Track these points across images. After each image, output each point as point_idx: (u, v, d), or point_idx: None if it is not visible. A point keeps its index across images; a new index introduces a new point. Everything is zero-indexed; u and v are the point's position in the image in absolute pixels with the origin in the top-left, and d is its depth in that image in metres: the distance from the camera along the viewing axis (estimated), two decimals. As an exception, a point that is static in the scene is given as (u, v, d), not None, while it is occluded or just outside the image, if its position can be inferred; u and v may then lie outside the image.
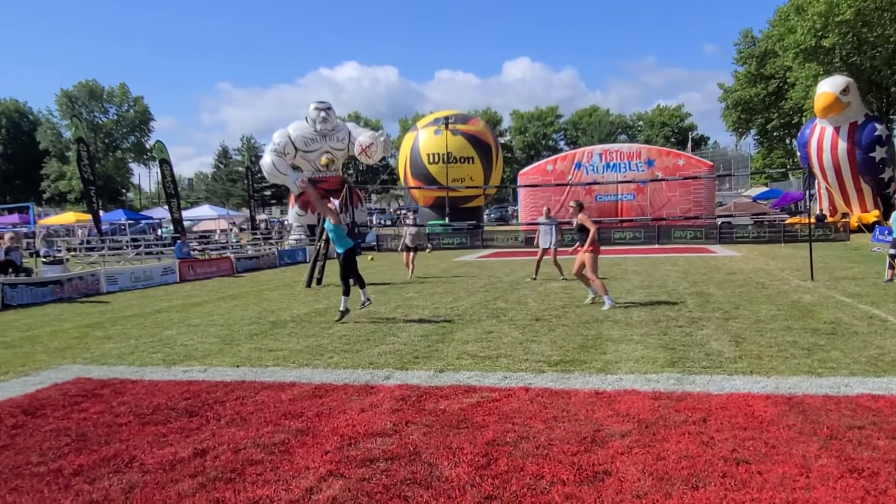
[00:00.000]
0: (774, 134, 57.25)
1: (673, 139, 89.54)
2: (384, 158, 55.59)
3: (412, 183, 45.56)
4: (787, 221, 32.70)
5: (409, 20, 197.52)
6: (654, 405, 5.45)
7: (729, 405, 5.39)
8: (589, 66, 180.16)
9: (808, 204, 20.45)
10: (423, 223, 19.89)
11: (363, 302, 11.08)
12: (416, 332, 9.31)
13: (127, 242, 32.93)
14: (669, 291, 12.89)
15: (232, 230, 41.35)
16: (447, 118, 43.27)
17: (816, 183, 33.52)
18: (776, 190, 50.68)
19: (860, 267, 16.87)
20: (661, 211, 33.24)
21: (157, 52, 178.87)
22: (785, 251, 23.74)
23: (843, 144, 30.74)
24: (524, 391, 6.02)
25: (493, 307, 11.54)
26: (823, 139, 31.45)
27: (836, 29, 31.23)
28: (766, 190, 52.62)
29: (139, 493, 4.03)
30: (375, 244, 33.48)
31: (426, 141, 44.80)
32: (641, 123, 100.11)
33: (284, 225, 45.90)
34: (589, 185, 33.55)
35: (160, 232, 44.38)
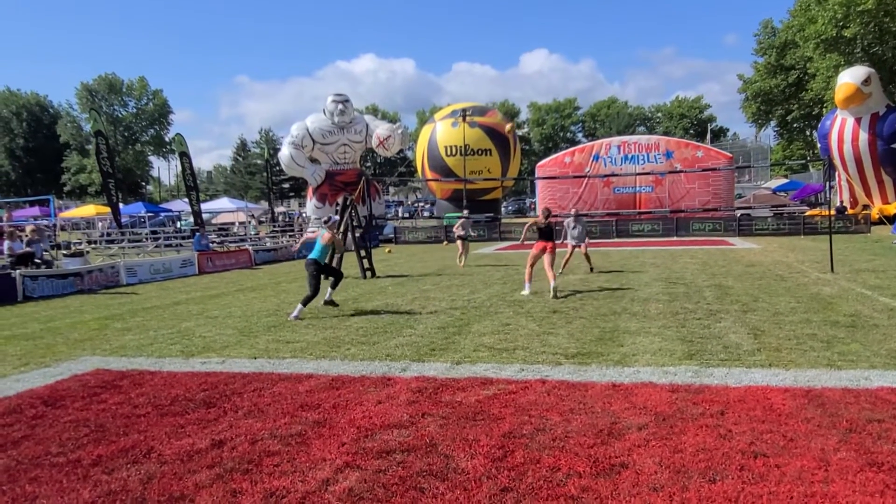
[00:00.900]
0: (794, 125, 56.54)
1: (692, 131, 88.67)
2: (402, 151, 55.74)
3: (430, 175, 45.52)
4: (806, 213, 32.29)
5: (425, 12, 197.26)
6: (671, 398, 5.43)
7: (747, 398, 5.35)
8: (607, 56, 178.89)
9: (828, 196, 20.17)
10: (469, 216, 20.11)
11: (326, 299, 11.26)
12: (432, 324, 9.33)
13: (146, 235, 33.24)
14: (688, 284, 12.80)
15: (250, 223, 41.59)
16: (465, 110, 43.12)
17: (837, 174, 33.05)
18: (796, 182, 50.12)
19: (881, 259, 16.64)
20: (679, 203, 32.98)
21: (176, 45, 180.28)
22: (805, 243, 23.47)
23: (864, 135, 30.28)
24: (541, 383, 6.01)
25: (510, 299, 11.52)
26: (844, 130, 30.99)
27: (857, 19, 30.76)
28: (785, 182, 52.05)
29: (157, 483, 4.07)
30: (393, 237, 33.52)
31: (444, 133, 44.73)
32: (660, 115, 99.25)
33: (293, 218, 46.07)
34: (607, 177, 33.34)
35: (179, 224, 44.72)
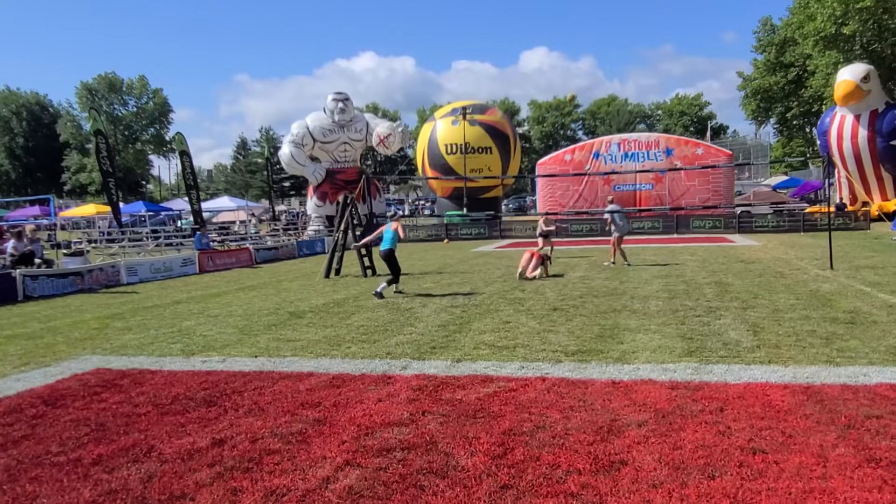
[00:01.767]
0: (794, 122, 56.54)
1: (692, 128, 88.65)
2: (402, 149, 55.72)
3: (430, 173, 45.53)
4: (806, 210, 32.31)
5: (425, 9, 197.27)
6: (671, 395, 5.44)
7: (746, 395, 5.36)
8: (607, 54, 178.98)
9: (827, 193, 20.19)
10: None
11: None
12: (433, 322, 9.34)
13: (147, 234, 33.26)
14: (688, 281, 12.80)
15: (251, 221, 41.60)
16: (465, 108, 43.14)
17: (836, 171, 33.06)
18: (796, 179, 50.05)
19: (880, 256, 16.65)
20: (679, 200, 32.98)
21: (176, 44, 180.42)
22: (804, 240, 23.47)
23: (863, 132, 30.28)
24: (541, 381, 6.02)
25: (510, 297, 11.53)
26: (844, 127, 31.00)
27: (856, 16, 30.72)
28: (785, 179, 51.99)
29: (157, 482, 4.09)
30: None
31: (444, 131, 44.73)
32: (660, 113, 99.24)
33: (298, 216, 46.07)
34: (607, 174, 33.33)
35: (180, 223, 44.73)
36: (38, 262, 16.10)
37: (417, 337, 8.31)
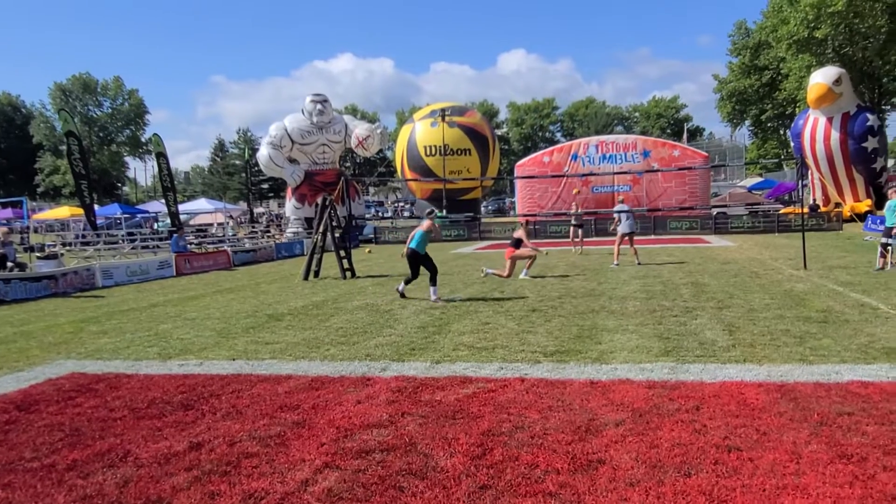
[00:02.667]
0: (768, 124, 57.32)
1: (668, 130, 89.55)
2: (381, 151, 55.62)
3: (409, 175, 45.50)
4: (781, 211, 32.73)
5: (403, 11, 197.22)
6: (648, 394, 5.49)
7: (722, 393, 5.43)
8: (584, 56, 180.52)
9: (801, 194, 20.48)
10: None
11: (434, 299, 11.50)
12: (412, 323, 9.34)
13: (122, 236, 32.87)
14: (664, 282, 12.93)
15: (229, 223, 41.28)
16: (444, 110, 43.17)
17: (810, 173, 33.55)
18: (771, 180, 50.73)
19: (852, 256, 16.93)
20: (656, 202, 33.27)
21: (151, 45, 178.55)
22: (779, 241, 23.79)
23: (835, 135, 30.77)
24: (520, 381, 6.05)
25: (489, 298, 11.56)
26: (817, 129, 31.48)
27: (828, 20, 31.25)
28: (760, 180, 52.64)
29: (133, 487, 4.05)
30: (373, 237, 33.46)
31: (423, 133, 44.72)
32: (637, 115, 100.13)
33: (281, 218, 45.80)
34: (585, 176, 33.52)
35: (156, 226, 44.26)
36: (10, 265, 15.84)
37: (397, 339, 8.31)
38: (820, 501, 3.52)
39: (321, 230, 16.87)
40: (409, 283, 12.05)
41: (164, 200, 32.53)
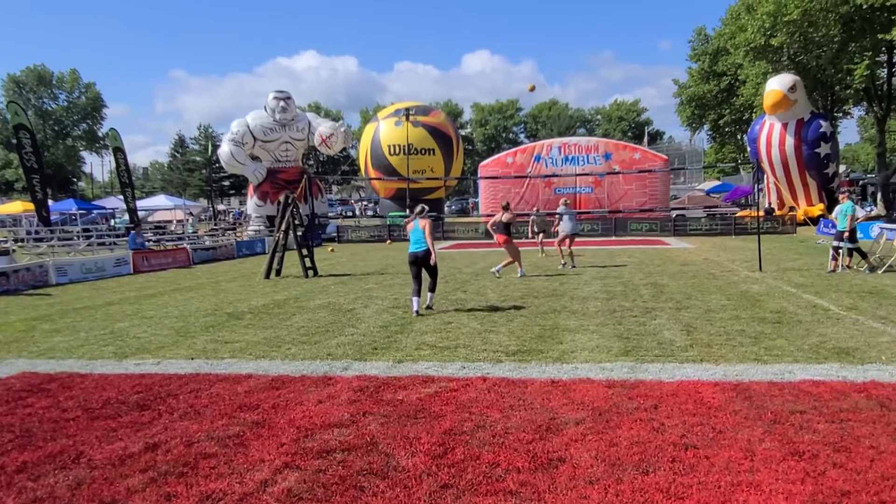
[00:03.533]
0: (726, 129, 58.38)
1: (630, 133, 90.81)
2: (345, 149, 55.29)
3: (373, 174, 45.31)
4: (737, 214, 33.45)
5: (367, 9, 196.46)
6: (607, 393, 5.56)
7: (679, 392, 5.53)
8: (548, 58, 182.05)
9: (757, 198, 20.98)
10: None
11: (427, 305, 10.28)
12: (375, 322, 9.31)
13: (78, 233, 32.09)
14: (625, 282, 13.11)
15: (189, 220, 40.61)
16: (408, 109, 43.08)
17: (765, 177, 34.35)
18: (728, 184, 51.83)
19: (805, 258, 17.39)
20: (617, 203, 33.72)
21: (109, 37, 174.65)
22: (735, 243, 24.31)
23: (790, 140, 31.57)
24: (482, 381, 6.07)
25: (452, 298, 11.58)
26: (772, 135, 32.26)
27: (784, 28, 31.98)
28: (718, 184, 53.78)
29: (86, 489, 3.96)
30: (336, 235, 33.23)
31: (387, 132, 44.58)
32: (599, 117, 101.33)
33: (243, 216, 45.23)
34: (548, 177, 33.83)
35: (113, 222, 43.32)
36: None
37: (359, 338, 8.27)
38: (772, 498, 3.60)
39: (283, 228, 16.70)
40: (419, 293, 9.95)
41: (121, 196, 31.84)
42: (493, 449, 4.39)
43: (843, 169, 46.98)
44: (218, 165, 43.90)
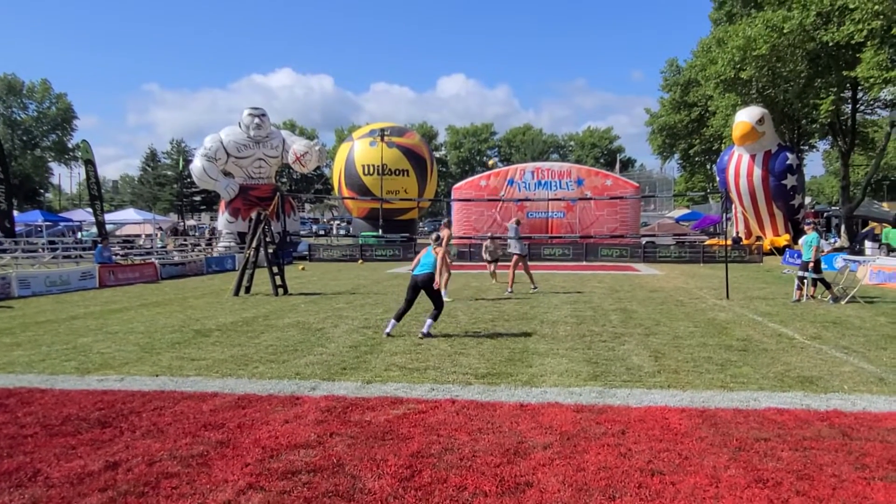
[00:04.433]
0: (696, 159, 59.39)
1: (602, 160, 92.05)
2: (318, 168, 55.13)
3: (346, 193, 45.25)
4: (706, 243, 33.98)
5: (344, 28, 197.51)
6: (576, 417, 5.58)
7: (647, 418, 5.56)
8: (522, 84, 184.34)
9: (725, 226, 21.36)
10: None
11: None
12: (344, 342, 9.24)
13: (43, 245, 31.45)
14: (595, 307, 13.20)
15: (158, 235, 40.04)
16: (383, 130, 43.21)
17: (733, 207, 35.00)
18: (697, 212, 52.70)
19: (771, 287, 17.70)
20: (589, 229, 34.04)
21: (81, 48, 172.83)
22: (703, 271, 24.66)
23: (758, 171, 32.28)
24: (450, 403, 6.05)
25: (422, 320, 11.52)
26: (740, 166, 32.96)
27: (753, 62, 32.78)
28: (687, 212, 54.65)
29: (45, 506, 3.85)
30: (307, 254, 33.03)
31: (361, 152, 44.62)
32: (573, 144, 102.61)
33: (214, 232, 44.73)
34: (521, 201, 34.08)
35: (80, 235, 42.55)
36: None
37: (328, 357, 8.20)
38: (736, 524, 3.63)
39: (254, 245, 16.56)
40: (401, 317, 9.94)
41: (90, 209, 31.32)
42: (460, 472, 4.37)
43: (808, 201, 48.05)
44: (189, 180, 43.52)
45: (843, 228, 38.18)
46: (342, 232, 59.90)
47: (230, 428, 5.34)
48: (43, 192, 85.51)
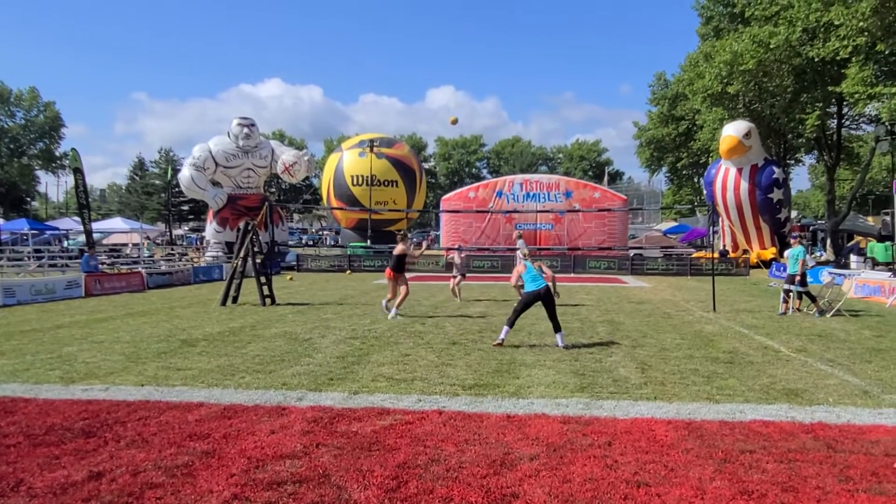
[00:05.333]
0: (684, 172, 59.90)
1: (590, 172, 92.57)
2: (307, 178, 55.05)
3: (335, 204, 45.24)
4: (693, 255, 34.17)
5: (333, 39, 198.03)
6: (562, 429, 5.58)
7: (633, 429, 5.58)
8: (511, 96, 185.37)
9: (712, 239, 21.51)
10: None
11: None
12: (332, 353, 9.21)
13: (29, 253, 31.21)
14: (582, 319, 13.24)
15: (145, 244, 39.81)
16: (372, 141, 43.29)
17: (720, 220, 35.26)
18: (684, 225, 52.96)
19: (758, 300, 17.81)
20: (577, 241, 34.18)
21: (69, 56, 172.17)
22: (690, 283, 24.79)
23: (744, 185, 32.56)
24: (437, 414, 6.04)
25: (410, 330, 11.54)
26: (727, 179, 33.23)
27: (739, 77, 33.18)
28: (675, 225, 54.90)
29: (27, 517, 3.81)
30: (295, 264, 32.93)
31: (350, 162, 44.66)
32: (561, 156, 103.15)
33: (202, 243, 44.54)
34: (509, 213, 34.19)
35: (66, 243, 42.26)
36: None
37: (315, 368, 8.17)
38: (721, 535, 3.64)
39: (242, 255, 16.50)
40: (514, 323, 10.08)
41: (79, 218, 31.13)
42: (446, 483, 4.36)
43: (794, 214, 48.54)
44: (177, 190, 43.32)
45: (828, 242, 38.56)
46: (330, 242, 59.83)
47: (216, 438, 5.31)
48: (29, 200, 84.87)
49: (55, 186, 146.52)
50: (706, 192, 36.46)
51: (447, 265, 16.91)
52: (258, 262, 16.69)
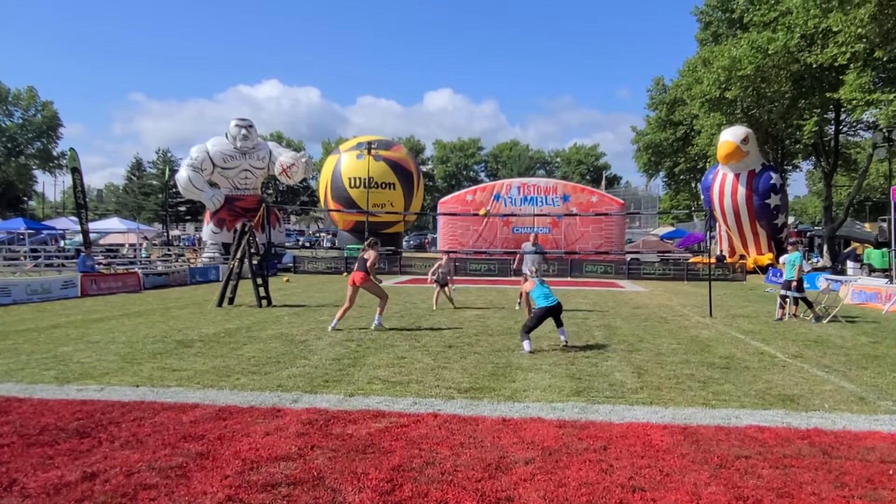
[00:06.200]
0: (681, 177, 59.95)
1: (588, 176, 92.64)
2: (305, 180, 55.08)
3: (332, 206, 45.18)
4: (689, 260, 34.20)
5: (331, 41, 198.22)
6: (558, 433, 5.57)
7: (629, 434, 5.57)
8: (509, 99, 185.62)
9: (709, 245, 21.52)
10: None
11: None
12: (327, 355, 9.20)
13: (25, 253, 31.14)
14: (578, 323, 13.23)
15: (142, 245, 39.74)
16: (370, 143, 43.26)
17: (717, 225, 35.29)
18: (681, 230, 53.05)
19: (754, 306, 17.83)
20: (574, 245, 34.19)
21: (68, 56, 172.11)
22: (687, 288, 24.80)
23: (742, 190, 32.61)
24: (433, 417, 6.03)
25: (406, 333, 11.53)
26: (725, 184, 33.27)
27: (738, 82, 33.25)
28: (672, 230, 55.00)
29: (19, 517, 3.79)
30: (292, 266, 32.89)
31: (348, 165, 44.63)
32: (559, 160, 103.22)
33: (200, 243, 44.48)
34: (506, 216, 34.20)
35: (63, 243, 42.17)
36: None
37: (310, 370, 8.15)
38: (716, 541, 3.64)
39: (238, 256, 16.48)
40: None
41: (77, 217, 31.09)
42: (441, 486, 4.35)
43: (791, 220, 48.59)
44: (175, 190, 43.28)
45: (825, 248, 38.62)
46: (327, 244, 59.79)
47: (210, 439, 5.29)
48: (26, 199, 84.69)
49: (52, 186, 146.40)
50: (703, 197, 36.51)
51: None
52: (255, 263, 16.67)
